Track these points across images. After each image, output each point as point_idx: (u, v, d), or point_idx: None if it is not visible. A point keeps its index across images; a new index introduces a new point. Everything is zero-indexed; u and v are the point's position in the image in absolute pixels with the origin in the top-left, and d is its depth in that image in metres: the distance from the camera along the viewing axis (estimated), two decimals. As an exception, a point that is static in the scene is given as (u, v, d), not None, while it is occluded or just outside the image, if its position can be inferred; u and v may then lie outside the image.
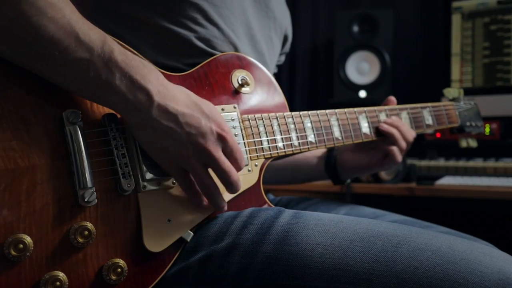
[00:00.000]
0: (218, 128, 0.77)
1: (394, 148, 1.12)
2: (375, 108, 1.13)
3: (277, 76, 1.34)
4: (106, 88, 0.71)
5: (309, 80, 2.67)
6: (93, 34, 0.70)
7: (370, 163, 1.17)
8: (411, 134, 1.15)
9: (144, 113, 0.73)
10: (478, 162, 1.84)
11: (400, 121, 1.14)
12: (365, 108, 1.11)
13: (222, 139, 0.78)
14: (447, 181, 1.73)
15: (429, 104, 1.25)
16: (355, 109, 1.09)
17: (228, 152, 0.79)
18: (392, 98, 1.20)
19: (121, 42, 0.78)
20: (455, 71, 2.14)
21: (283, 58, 1.35)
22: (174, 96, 0.75)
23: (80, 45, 0.69)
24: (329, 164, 1.24)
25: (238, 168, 0.81)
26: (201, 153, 0.76)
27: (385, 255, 0.74)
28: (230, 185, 0.80)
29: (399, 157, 1.13)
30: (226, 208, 0.83)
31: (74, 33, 0.68)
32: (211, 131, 0.77)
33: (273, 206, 0.93)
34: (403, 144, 1.12)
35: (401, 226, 0.81)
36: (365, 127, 1.10)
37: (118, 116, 0.78)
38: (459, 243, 0.77)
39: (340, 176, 1.24)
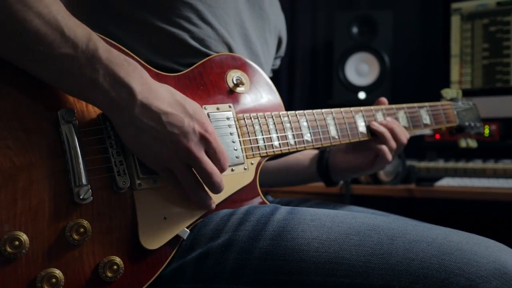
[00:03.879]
0: (201, 129, 0.77)
1: (384, 147, 1.10)
2: (372, 107, 1.13)
3: (276, 77, 1.34)
4: (90, 85, 0.71)
5: (308, 81, 2.67)
6: (78, 31, 0.71)
7: (362, 164, 1.16)
8: (404, 135, 1.13)
9: (126, 111, 0.73)
10: (477, 164, 1.84)
11: (395, 122, 1.13)
12: (362, 108, 1.11)
13: (205, 140, 0.77)
14: (446, 182, 1.73)
15: (427, 104, 1.25)
16: (352, 108, 1.09)
17: (211, 153, 0.79)
18: (384, 100, 1.19)
19: (107, 39, 0.79)
20: (455, 72, 2.14)
21: (278, 62, 1.35)
22: (158, 94, 0.75)
23: (65, 41, 0.69)
24: (321, 166, 1.23)
25: (221, 169, 0.80)
26: (183, 153, 0.76)
27: (381, 248, 0.74)
28: (212, 186, 0.79)
29: (388, 156, 1.11)
30: (213, 206, 0.83)
31: (60, 29, 0.69)
32: (194, 131, 0.76)
33: (269, 203, 0.92)
34: (393, 144, 1.11)
35: (397, 219, 0.81)
36: (361, 126, 1.09)
37: None
38: (455, 234, 0.77)
39: (333, 177, 1.23)
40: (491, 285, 0.68)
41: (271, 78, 1.31)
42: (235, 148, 0.90)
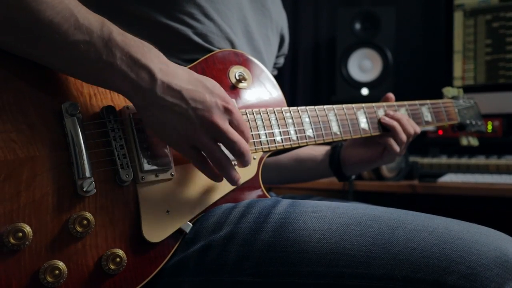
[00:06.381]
0: (223, 102, 0.78)
1: (392, 141, 1.12)
2: (374, 104, 1.14)
3: (279, 73, 1.34)
4: (108, 70, 0.72)
5: (311, 78, 2.68)
6: (91, 17, 0.71)
7: (372, 157, 1.18)
8: (413, 126, 1.15)
9: (148, 91, 0.73)
10: (480, 160, 1.84)
11: (401, 114, 1.15)
12: (363, 104, 1.12)
13: (228, 112, 0.78)
14: (449, 178, 1.73)
15: (428, 101, 1.26)
16: (353, 105, 1.10)
17: (235, 124, 0.79)
18: (391, 95, 1.20)
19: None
20: (457, 69, 2.14)
21: (282, 60, 1.35)
22: (176, 73, 0.76)
23: (80, 28, 0.70)
24: (333, 160, 1.24)
25: (246, 139, 0.81)
26: (209, 127, 0.76)
27: (382, 238, 0.75)
28: (242, 155, 0.79)
29: (397, 148, 1.13)
30: (240, 180, 0.83)
31: (73, 17, 0.70)
32: (217, 105, 0.77)
33: (270, 197, 0.93)
34: (403, 137, 1.12)
35: (398, 210, 0.81)
36: (363, 123, 1.10)
37: (117, 108, 0.79)
38: (455, 223, 0.77)
39: (345, 172, 1.24)
40: (492, 273, 0.68)
41: (275, 76, 1.32)
42: None
